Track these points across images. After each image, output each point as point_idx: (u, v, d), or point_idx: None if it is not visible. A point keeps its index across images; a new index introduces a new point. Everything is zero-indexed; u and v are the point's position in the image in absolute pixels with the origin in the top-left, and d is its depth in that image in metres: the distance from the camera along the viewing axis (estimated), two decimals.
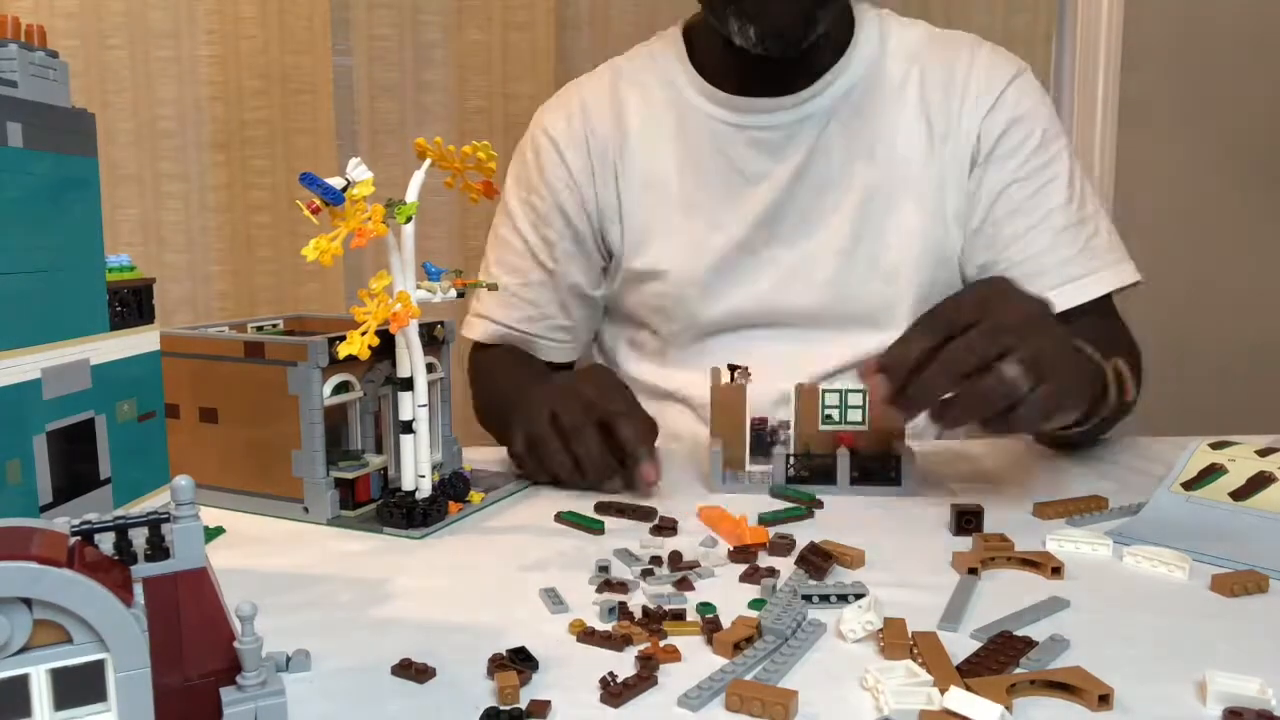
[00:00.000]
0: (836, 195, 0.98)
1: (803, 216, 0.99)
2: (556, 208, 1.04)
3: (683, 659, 0.47)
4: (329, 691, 0.45)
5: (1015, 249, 0.96)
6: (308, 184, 0.60)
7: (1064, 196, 0.96)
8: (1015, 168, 0.97)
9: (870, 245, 0.98)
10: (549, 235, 1.05)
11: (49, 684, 0.32)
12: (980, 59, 0.99)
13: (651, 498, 0.75)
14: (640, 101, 1.03)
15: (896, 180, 0.98)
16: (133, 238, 1.75)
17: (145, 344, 0.58)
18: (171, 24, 1.72)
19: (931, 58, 0.99)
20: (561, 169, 1.03)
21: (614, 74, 1.06)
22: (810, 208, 0.98)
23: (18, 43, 0.48)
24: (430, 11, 1.73)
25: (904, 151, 0.98)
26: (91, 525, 0.36)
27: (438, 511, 0.68)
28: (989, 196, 0.97)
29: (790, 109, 0.97)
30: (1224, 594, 0.56)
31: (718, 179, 1.00)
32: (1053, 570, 0.59)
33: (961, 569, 0.59)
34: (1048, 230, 0.95)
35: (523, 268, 1.06)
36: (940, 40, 1.01)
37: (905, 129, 0.98)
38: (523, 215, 1.06)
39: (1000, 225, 0.97)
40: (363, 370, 0.72)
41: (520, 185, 1.07)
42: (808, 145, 0.97)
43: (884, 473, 0.76)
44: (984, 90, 0.98)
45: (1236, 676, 0.43)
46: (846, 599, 0.53)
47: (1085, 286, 0.94)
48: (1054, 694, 0.44)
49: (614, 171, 1.02)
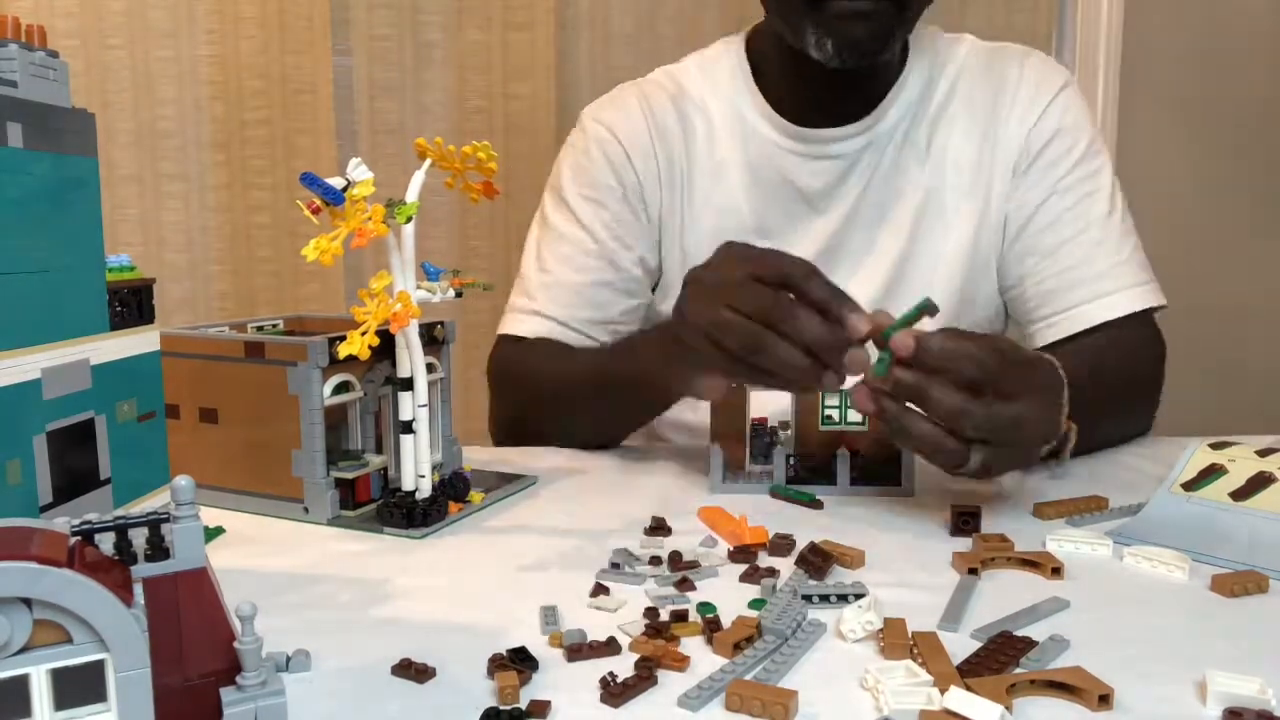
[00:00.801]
0: (895, 214, 1.00)
1: (866, 239, 1.00)
2: (629, 209, 1.02)
3: (684, 660, 0.47)
4: (329, 691, 0.45)
5: (1051, 261, 0.97)
6: (308, 184, 0.60)
7: (1104, 210, 0.97)
8: (1057, 179, 0.98)
9: (923, 258, 1.00)
10: (622, 235, 1.02)
11: (49, 684, 0.32)
12: (1030, 70, 1.00)
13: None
14: (705, 125, 1.02)
15: (948, 191, 0.99)
16: (133, 238, 1.76)
17: (145, 344, 0.58)
18: (171, 24, 1.72)
19: (982, 69, 1.01)
20: (631, 173, 1.01)
21: (677, 90, 1.03)
22: (872, 230, 1.00)
23: (18, 43, 0.48)
24: (430, 11, 1.73)
25: (956, 163, 0.99)
26: (91, 525, 0.36)
27: (438, 511, 0.68)
28: (1030, 206, 0.98)
29: (853, 137, 0.98)
30: (1224, 594, 0.56)
31: (785, 206, 1.00)
32: (1053, 570, 0.59)
33: (961, 569, 0.59)
34: (1085, 243, 0.96)
35: (589, 265, 1.01)
36: (990, 52, 1.02)
37: (958, 142, 0.99)
38: (591, 213, 1.02)
39: (1039, 236, 0.98)
40: (363, 370, 0.72)
41: (582, 181, 1.03)
42: (869, 170, 0.99)
43: (884, 473, 0.76)
44: (1032, 99, 0.99)
45: (1236, 676, 0.43)
46: (846, 599, 0.53)
47: (1116, 302, 0.94)
48: (1054, 694, 0.44)
49: (682, 194, 1.01)
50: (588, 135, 1.04)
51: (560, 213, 1.04)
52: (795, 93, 0.99)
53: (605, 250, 1.01)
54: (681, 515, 0.70)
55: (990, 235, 1.00)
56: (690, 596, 0.55)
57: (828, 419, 0.77)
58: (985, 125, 0.99)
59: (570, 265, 1.01)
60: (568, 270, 1.01)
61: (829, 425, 0.77)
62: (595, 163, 1.03)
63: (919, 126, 0.99)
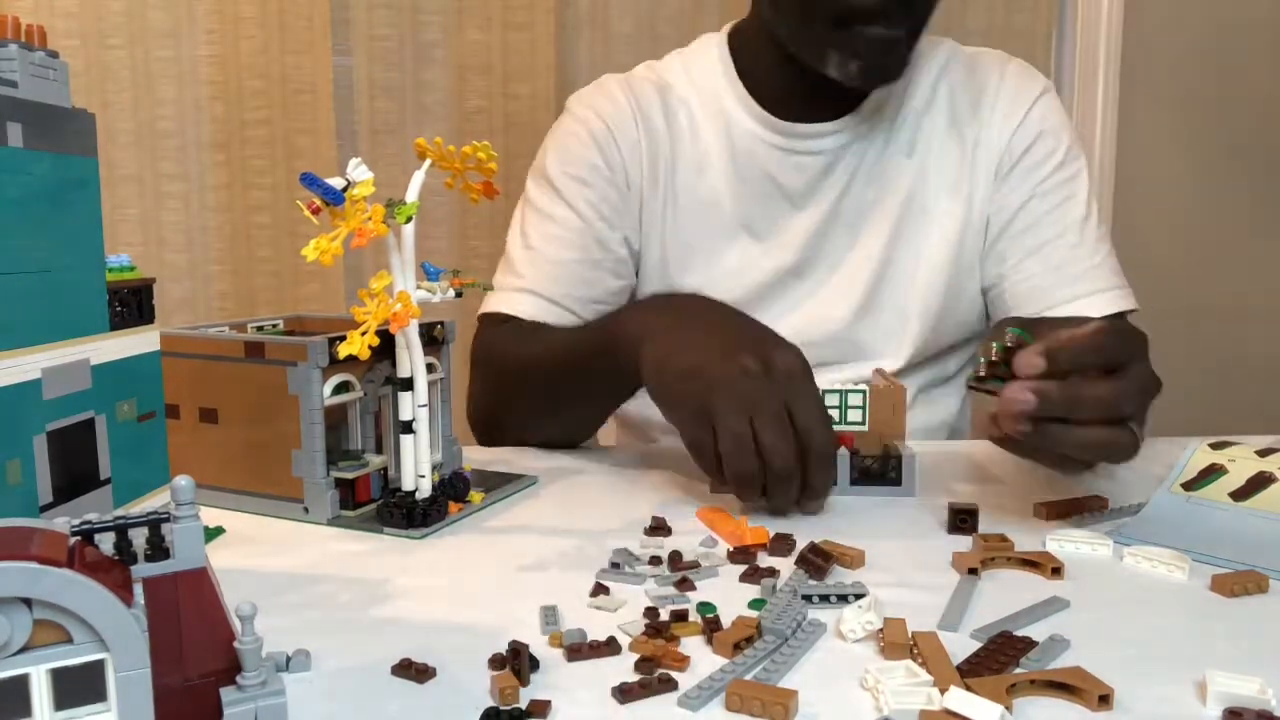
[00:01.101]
0: (877, 213, 1.00)
1: (847, 238, 1.01)
2: (615, 190, 1.02)
3: (684, 660, 0.47)
4: (329, 691, 0.45)
5: (1031, 261, 0.99)
6: (308, 184, 0.60)
7: (1081, 214, 0.99)
8: (1037, 182, 0.99)
9: (906, 259, 1.01)
10: (608, 215, 1.01)
11: (49, 684, 0.31)
12: (1010, 75, 1.02)
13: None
14: (688, 117, 1.02)
15: (930, 191, 1.00)
16: (133, 238, 1.76)
17: (145, 344, 0.58)
18: (171, 24, 1.72)
19: (962, 73, 1.02)
20: (617, 155, 1.02)
21: (661, 82, 1.04)
22: (854, 229, 1.01)
23: (18, 43, 0.48)
24: (430, 11, 1.73)
25: (939, 164, 1.00)
26: (91, 525, 0.36)
27: (438, 511, 0.68)
28: (1011, 208, 1.00)
29: (835, 134, 0.99)
30: (1224, 594, 0.56)
31: (766, 202, 1.01)
32: (1053, 570, 0.59)
33: (961, 569, 0.59)
34: (1063, 246, 0.98)
35: (576, 244, 1.01)
36: (970, 57, 1.04)
37: (939, 144, 1.00)
38: (576, 191, 1.01)
39: (1020, 237, 0.99)
40: (363, 370, 0.72)
41: (568, 161, 1.03)
42: (851, 168, 1.00)
43: (884, 473, 0.76)
44: (1013, 104, 1.01)
45: (1236, 676, 0.43)
46: (846, 599, 0.53)
47: (1093, 304, 0.96)
48: (1054, 694, 0.44)
49: (664, 185, 1.02)
50: (574, 118, 1.04)
51: (546, 194, 1.03)
52: (778, 88, 0.99)
53: (592, 229, 1.01)
54: (681, 516, 0.70)
55: (973, 236, 1.01)
56: (690, 596, 0.55)
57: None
58: (966, 127, 1.01)
59: (558, 243, 1.01)
60: (556, 248, 1.01)
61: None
62: (582, 143, 1.03)
63: (901, 127, 1.00)
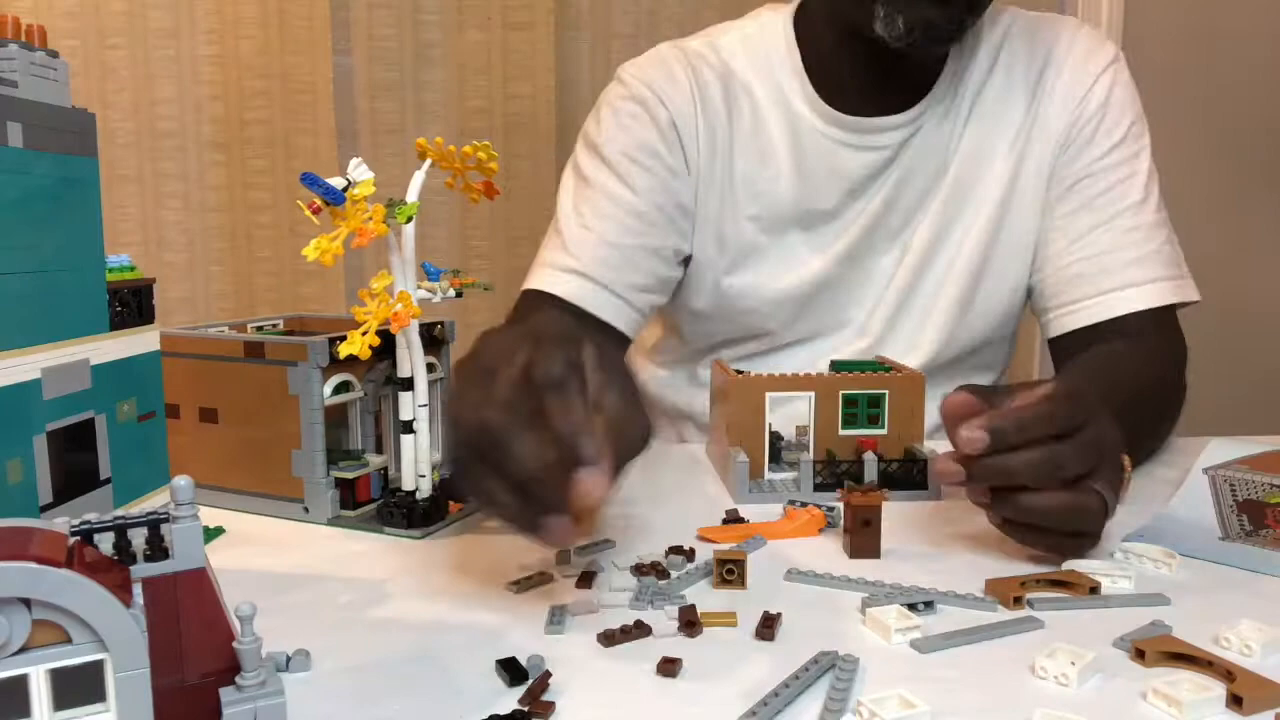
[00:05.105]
0: (933, 191, 0.96)
1: (902, 218, 0.97)
2: (673, 176, 0.96)
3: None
4: (329, 691, 0.45)
5: (1080, 245, 0.94)
6: (309, 184, 0.59)
7: (1139, 196, 0.94)
8: (1095, 158, 0.94)
9: (954, 232, 0.97)
10: (663, 203, 0.96)
11: (48, 684, 0.31)
12: (1080, 42, 0.97)
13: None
14: (751, 108, 0.97)
15: (984, 163, 0.96)
16: (133, 238, 1.76)
17: (145, 344, 0.58)
18: (171, 24, 1.72)
19: (1024, 42, 0.97)
20: (676, 140, 0.96)
21: (724, 68, 0.97)
22: (910, 209, 0.97)
23: (18, 43, 0.48)
24: (430, 11, 1.73)
25: (990, 143, 0.96)
26: (91, 525, 0.36)
27: (438, 511, 0.68)
28: (1064, 185, 0.95)
29: (903, 126, 0.94)
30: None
31: (827, 194, 0.96)
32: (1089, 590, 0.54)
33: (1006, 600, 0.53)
34: (1117, 229, 0.93)
35: (634, 228, 0.94)
36: (1033, 22, 0.99)
37: (992, 120, 0.96)
38: (635, 173, 0.95)
39: (1071, 218, 0.95)
40: (363, 370, 0.72)
41: (626, 140, 0.96)
42: (914, 151, 0.95)
43: (909, 477, 0.74)
44: (1077, 74, 0.95)
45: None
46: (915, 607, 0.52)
47: (1143, 295, 0.91)
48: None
49: (721, 174, 0.97)
50: (631, 93, 0.98)
51: (601, 170, 0.97)
52: (846, 78, 0.94)
53: (650, 215, 0.95)
54: (682, 519, 0.69)
55: (1021, 218, 0.96)
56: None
57: (848, 422, 0.75)
58: (1026, 101, 0.96)
59: (615, 224, 0.95)
60: (612, 228, 0.94)
61: (850, 429, 0.75)
62: (640, 122, 0.97)
63: (961, 100, 0.96)
